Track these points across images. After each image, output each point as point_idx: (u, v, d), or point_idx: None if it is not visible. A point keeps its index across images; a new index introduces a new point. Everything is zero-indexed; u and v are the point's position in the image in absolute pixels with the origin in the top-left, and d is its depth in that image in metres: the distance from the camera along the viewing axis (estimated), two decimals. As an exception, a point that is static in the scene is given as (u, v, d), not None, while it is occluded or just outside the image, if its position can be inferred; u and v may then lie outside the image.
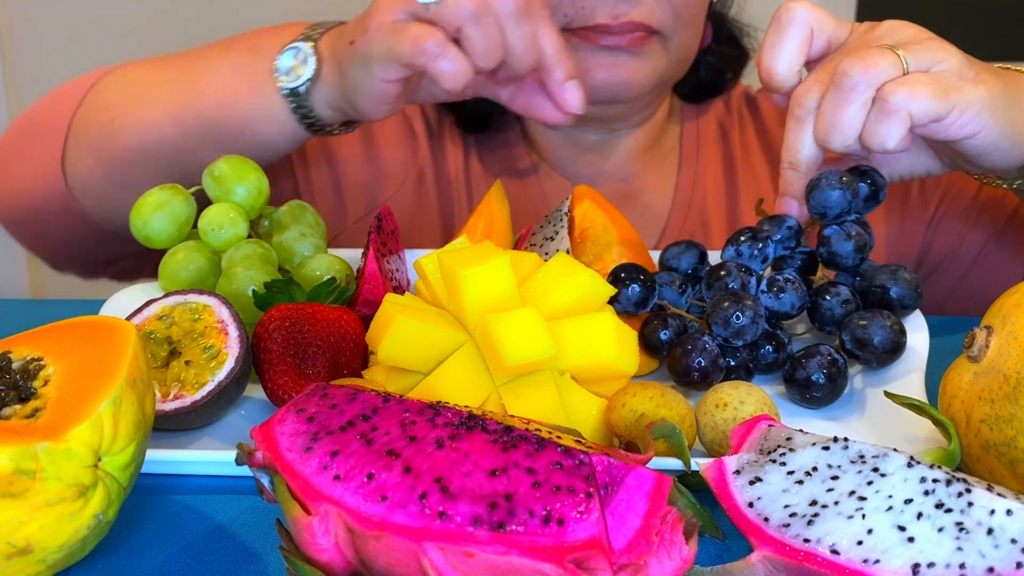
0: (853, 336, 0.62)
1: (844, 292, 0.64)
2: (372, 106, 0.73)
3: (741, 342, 0.62)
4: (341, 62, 0.73)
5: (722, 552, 0.48)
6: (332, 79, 0.74)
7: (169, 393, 0.58)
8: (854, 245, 0.65)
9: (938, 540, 0.42)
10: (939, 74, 0.63)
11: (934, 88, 0.62)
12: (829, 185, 0.64)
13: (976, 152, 0.65)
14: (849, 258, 0.65)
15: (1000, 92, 0.64)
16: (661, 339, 0.65)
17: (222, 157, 0.70)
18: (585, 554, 0.40)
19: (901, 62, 0.63)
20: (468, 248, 0.60)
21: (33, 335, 0.50)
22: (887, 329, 0.62)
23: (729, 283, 0.64)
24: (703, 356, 0.61)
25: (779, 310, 0.64)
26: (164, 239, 0.70)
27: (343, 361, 0.62)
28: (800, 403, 0.63)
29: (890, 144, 0.62)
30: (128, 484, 0.47)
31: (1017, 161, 0.67)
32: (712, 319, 0.62)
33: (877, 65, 0.62)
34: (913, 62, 0.63)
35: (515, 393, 0.56)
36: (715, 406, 0.55)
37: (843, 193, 0.64)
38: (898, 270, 0.65)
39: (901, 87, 0.62)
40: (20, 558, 0.43)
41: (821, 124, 0.65)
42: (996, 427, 0.49)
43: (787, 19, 0.68)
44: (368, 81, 0.71)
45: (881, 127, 0.62)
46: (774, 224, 0.67)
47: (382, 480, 0.42)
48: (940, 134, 0.64)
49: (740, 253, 0.66)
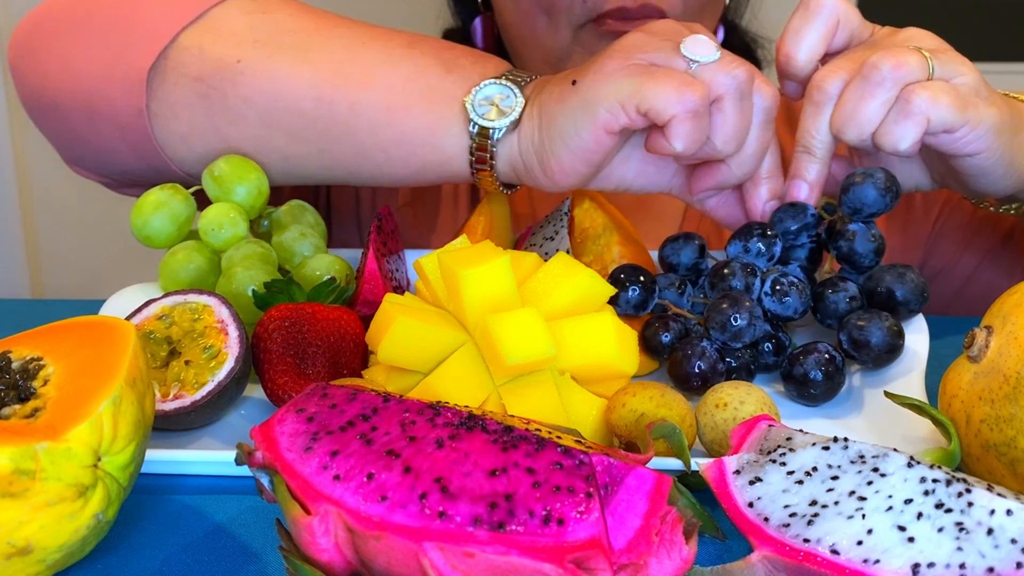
0: (851, 337, 0.62)
1: (852, 289, 0.64)
2: (568, 164, 0.64)
3: (740, 344, 0.62)
4: (549, 108, 0.64)
5: (722, 552, 0.48)
6: (530, 127, 0.66)
7: (169, 393, 0.58)
8: (876, 247, 0.65)
9: (938, 540, 0.42)
10: (959, 87, 0.63)
11: (954, 99, 0.62)
12: (874, 184, 0.64)
13: (972, 172, 0.65)
14: (867, 258, 0.65)
15: (1008, 119, 0.64)
16: (662, 342, 0.65)
17: (222, 157, 0.70)
18: (585, 554, 0.40)
19: (928, 67, 0.63)
20: (468, 248, 0.60)
21: (33, 335, 0.50)
22: (885, 331, 0.62)
23: (733, 283, 0.64)
24: (702, 361, 0.61)
25: (782, 314, 0.63)
26: (164, 239, 0.70)
27: (343, 361, 0.62)
28: (798, 400, 0.63)
29: (903, 145, 0.62)
30: (128, 484, 0.47)
31: (1006, 190, 0.68)
32: (710, 323, 0.62)
33: (908, 64, 0.62)
34: (939, 70, 0.63)
35: (515, 393, 0.56)
36: (715, 406, 0.55)
37: (882, 195, 0.64)
38: (905, 272, 0.64)
39: (925, 90, 0.61)
40: (20, 558, 0.43)
41: (840, 114, 0.64)
42: (996, 427, 0.49)
43: (816, 6, 0.67)
44: (582, 129, 0.63)
45: (898, 127, 0.62)
46: (794, 213, 0.66)
47: (382, 480, 0.42)
48: (947, 146, 0.63)
49: (748, 250, 0.65)
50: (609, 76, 0.62)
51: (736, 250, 0.66)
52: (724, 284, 0.64)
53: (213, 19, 0.70)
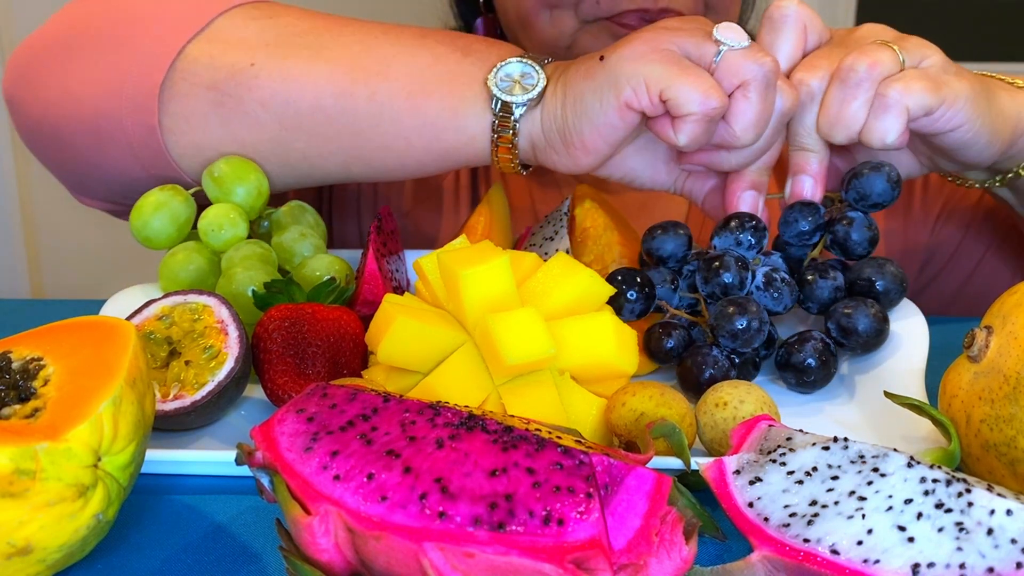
0: (839, 324, 0.64)
1: (840, 279, 0.65)
2: (591, 141, 0.65)
3: (749, 349, 0.63)
4: (576, 85, 0.65)
5: (722, 552, 0.48)
6: (553, 104, 0.66)
7: (169, 393, 0.58)
8: (870, 237, 0.65)
9: (938, 540, 0.42)
10: (927, 69, 0.64)
11: (926, 83, 0.63)
12: (881, 176, 0.65)
13: (957, 145, 0.66)
14: (860, 247, 0.65)
15: (980, 87, 0.66)
16: (666, 348, 0.65)
17: (222, 158, 0.70)
18: (585, 554, 0.40)
19: (900, 59, 0.64)
20: (467, 248, 0.60)
21: (33, 335, 0.50)
22: (871, 317, 0.63)
23: (726, 278, 0.64)
24: (715, 369, 0.62)
25: (773, 310, 0.64)
26: (164, 240, 0.70)
27: (343, 361, 0.62)
28: (795, 388, 0.64)
29: (889, 139, 0.63)
30: (128, 484, 0.47)
31: (992, 158, 0.69)
32: (719, 331, 0.62)
33: (881, 62, 0.63)
34: (907, 59, 0.65)
35: (515, 393, 0.56)
36: (715, 405, 0.55)
37: (891, 187, 0.65)
38: (884, 264, 0.65)
39: (896, 82, 0.63)
40: (20, 558, 0.43)
41: (826, 118, 0.65)
42: (996, 427, 0.49)
43: (780, 18, 0.68)
44: (607, 104, 0.63)
45: (881, 123, 0.63)
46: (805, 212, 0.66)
47: (382, 480, 0.42)
48: (929, 127, 0.64)
49: (740, 242, 0.65)
50: (641, 56, 0.62)
51: (727, 243, 0.66)
52: (718, 280, 0.64)
53: (219, 29, 0.70)
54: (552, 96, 0.66)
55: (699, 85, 0.61)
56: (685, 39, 0.63)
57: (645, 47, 0.63)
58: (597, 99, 0.63)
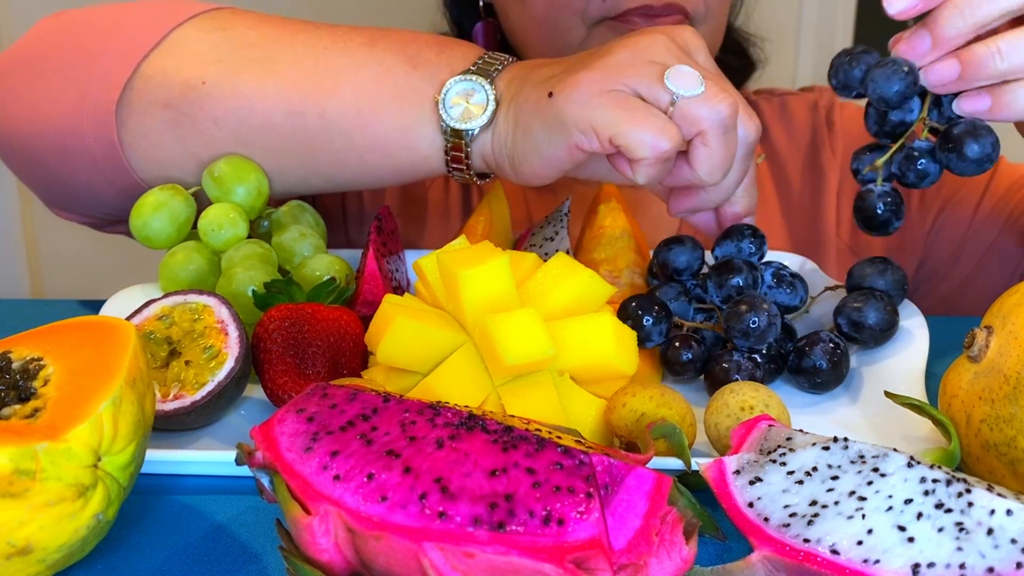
0: (849, 319, 0.64)
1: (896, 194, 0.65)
2: (539, 169, 0.64)
3: (764, 347, 0.63)
4: (525, 114, 0.63)
5: (722, 552, 0.48)
6: (505, 130, 0.65)
7: (169, 393, 0.58)
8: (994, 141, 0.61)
9: (938, 540, 0.42)
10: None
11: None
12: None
13: None
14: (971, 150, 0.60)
15: None
16: (683, 361, 0.64)
17: (222, 158, 0.70)
18: (585, 554, 0.40)
19: None
20: (467, 248, 0.60)
21: (33, 335, 0.50)
22: (881, 311, 0.64)
23: (738, 280, 0.64)
24: (740, 374, 0.62)
25: (790, 304, 0.65)
26: (164, 239, 0.70)
27: (343, 361, 0.62)
28: (807, 390, 0.64)
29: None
30: (128, 484, 0.47)
31: None
32: (732, 332, 0.62)
33: None
34: None
35: (514, 393, 0.56)
36: (740, 409, 0.55)
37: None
38: (886, 266, 0.66)
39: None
40: (20, 558, 0.43)
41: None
42: (996, 427, 0.49)
43: None
44: (556, 144, 0.62)
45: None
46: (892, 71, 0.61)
47: (382, 480, 0.42)
48: None
49: (741, 250, 0.66)
50: (588, 100, 0.60)
51: (729, 251, 0.67)
52: (731, 283, 0.64)
53: (173, 43, 0.69)
54: (504, 120, 0.65)
55: (649, 128, 0.59)
56: (636, 80, 0.61)
57: (594, 88, 0.61)
58: (546, 137, 0.62)
